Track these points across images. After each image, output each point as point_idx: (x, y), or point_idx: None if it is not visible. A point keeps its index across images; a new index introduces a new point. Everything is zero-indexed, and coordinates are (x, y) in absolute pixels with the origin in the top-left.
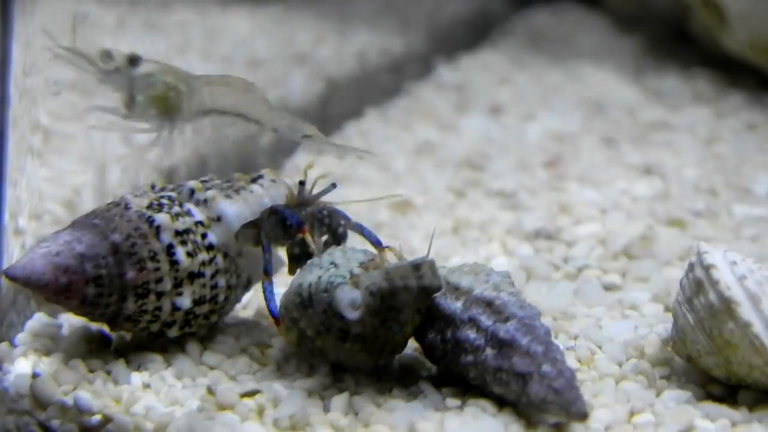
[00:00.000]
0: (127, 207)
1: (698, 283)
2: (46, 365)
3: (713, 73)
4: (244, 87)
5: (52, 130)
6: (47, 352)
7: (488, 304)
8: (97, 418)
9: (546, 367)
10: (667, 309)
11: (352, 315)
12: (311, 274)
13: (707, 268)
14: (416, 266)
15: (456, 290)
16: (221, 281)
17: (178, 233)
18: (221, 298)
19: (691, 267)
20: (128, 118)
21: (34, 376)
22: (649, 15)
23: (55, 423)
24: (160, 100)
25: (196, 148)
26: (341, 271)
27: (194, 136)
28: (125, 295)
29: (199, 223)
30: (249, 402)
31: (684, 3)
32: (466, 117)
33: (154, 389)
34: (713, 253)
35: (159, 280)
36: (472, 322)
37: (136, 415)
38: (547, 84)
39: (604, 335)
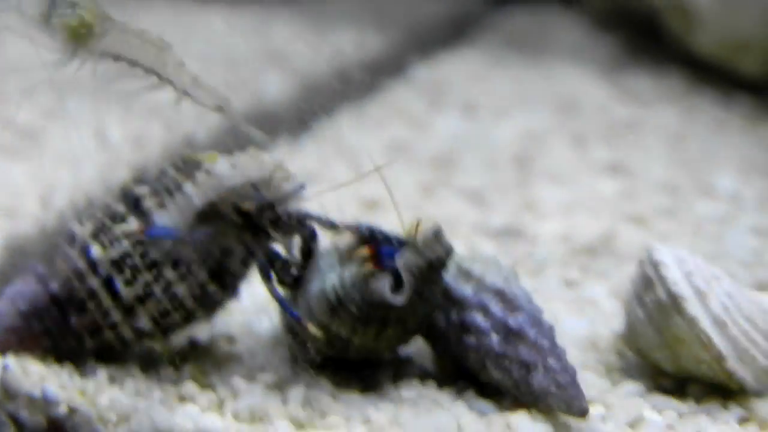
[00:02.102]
0: (72, 240)
1: (647, 280)
2: (16, 358)
3: (684, 72)
4: (159, 46)
5: (29, 129)
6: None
7: (499, 294)
8: (63, 409)
9: (552, 361)
10: None
11: (399, 300)
12: (328, 279)
13: (656, 265)
14: (437, 234)
15: (468, 276)
16: (180, 290)
17: (114, 263)
18: (189, 303)
19: (641, 264)
20: (40, 30)
21: (4, 368)
22: (624, 15)
23: (23, 414)
24: (71, 29)
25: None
26: (354, 266)
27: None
28: (80, 336)
29: (138, 242)
30: (210, 394)
31: (655, 4)
32: (440, 115)
33: (119, 382)
34: (662, 250)
35: (106, 315)
36: (482, 307)
37: (100, 407)
38: (522, 82)
39: (561, 329)
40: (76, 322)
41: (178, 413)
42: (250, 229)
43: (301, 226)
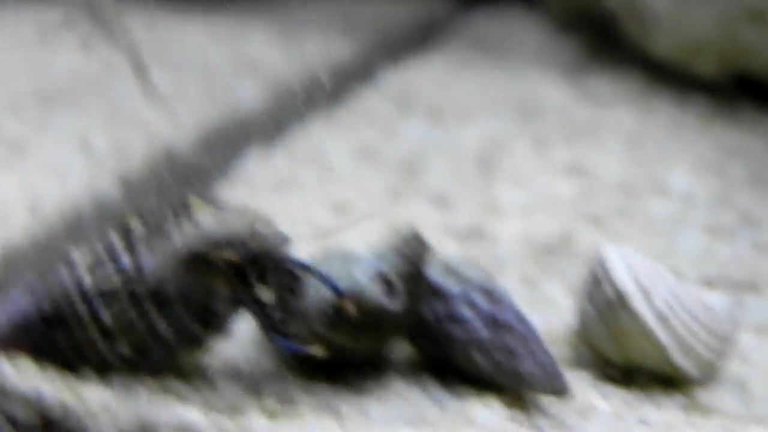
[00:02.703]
0: (68, 264)
1: (596, 278)
2: (10, 360)
3: (642, 74)
4: None
5: (16, 140)
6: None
7: (487, 293)
8: (56, 409)
9: (536, 348)
10: None
11: (396, 305)
12: (324, 293)
13: (603, 263)
14: (415, 236)
15: (454, 274)
16: (162, 326)
17: (104, 295)
18: (171, 340)
19: (591, 262)
20: None
21: None
22: (584, 18)
23: (18, 413)
24: None
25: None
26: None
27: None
28: (65, 354)
29: (127, 279)
30: (191, 391)
31: (612, 7)
32: (407, 121)
33: (107, 382)
34: (610, 250)
35: (91, 343)
36: (470, 303)
37: (90, 406)
38: (486, 86)
39: None
40: (62, 341)
41: (163, 410)
42: (237, 278)
43: (289, 277)
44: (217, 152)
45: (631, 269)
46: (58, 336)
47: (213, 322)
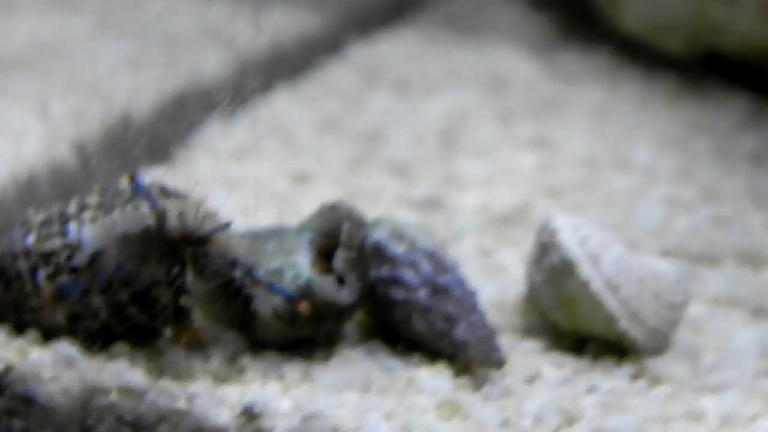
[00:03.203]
0: (22, 224)
1: (544, 246)
2: None
3: (612, 50)
4: None
5: None
6: None
7: (430, 255)
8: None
9: (474, 317)
10: None
11: (348, 298)
12: (274, 299)
13: (552, 232)
14: (348, 216)
15: (401, 237)
16: (95, 300)
17: (44, 255)
18: (104, 316)
19: (540, 231)
20: None
21: None
22: None
23: None
24: None
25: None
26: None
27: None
28: (6, 309)
29: (67, 245)
30: (138, 354)
31: None
32: (373, 92)
33: (50, 342)
34: (558, 218)
35: (25, 298)
36: (413, 265)
37: (33, 365)
38: (455, 61)
39: None
40: (2, 295)
41: (106, 370)
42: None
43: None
44: (177, 120)
45: (579, 236)
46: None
47: (156, 312)
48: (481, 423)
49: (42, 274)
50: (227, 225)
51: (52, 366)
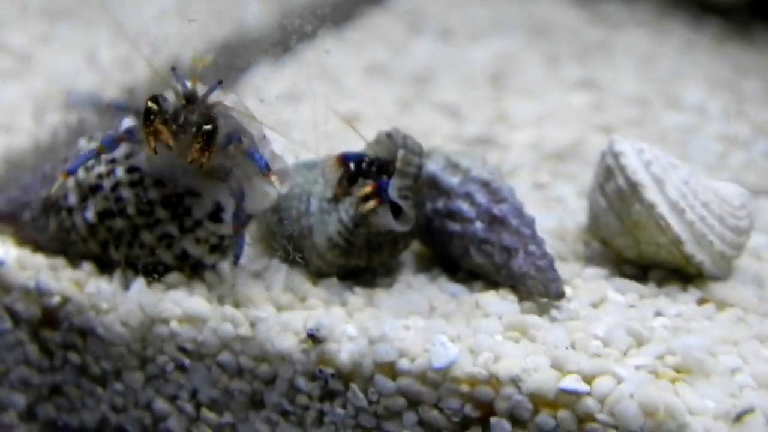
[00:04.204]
0: (77, 145)
1: (608, 170)
2: (13, 254)
3: None
4: None
5: (23, 52)
6: (16, 244)
7: (485, 185)
8: (56, 299)
9: (532, 247)
10: None
11: (405, 226)
12: (329, 225)
13: (616, 155)
14: (404, 144)
15: (455, 167)
16: (124, 193)
17: (91, 188)
18: (131, 210)
19: (603, 156)
20: None
21: (0, 263)
22: None
23: (19, 306)
24: None
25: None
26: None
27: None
28: (47, 212)
29: (111, 160)
30: (197, 283)
31: None
32: (417, 39)
33: (106, 273)
34: (622, 141)
35: (65, 196)
36: (467, 196)
37: (91, 295)
38: (496, 9)
39: None
40: (52, 225)
41: (165, 298)
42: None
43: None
44: (224, 66)
45: (645, 160)
46: (51, 219)
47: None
48: (549, 345)
49: (81, 171)
50: (220, 82)
51: (110, 297)
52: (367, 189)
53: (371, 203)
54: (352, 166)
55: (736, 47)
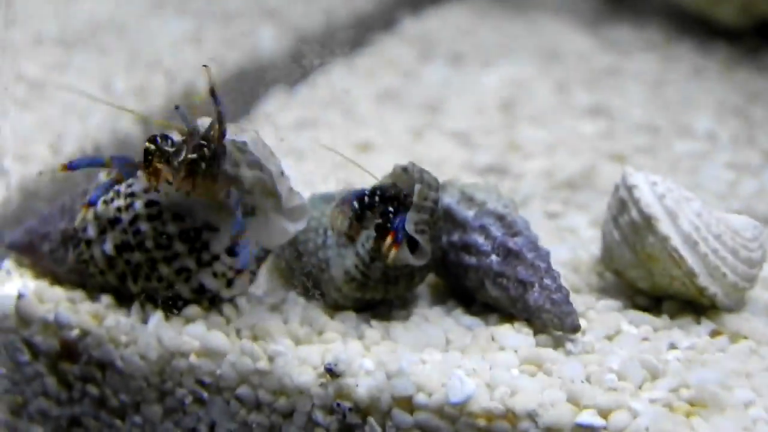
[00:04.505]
0: (97, 178)
1: (622, 202)
2: (31, 287)
3: (665, 23)
4: None
5: (38, 81)
6: (35, 276)
7: (500, 218)
8: (75, 332)
9: (548, 281)
10: None
11: (421, 260)
12: (346, 259)
13: (630, 188)
14: (421, 178)
15: (470, 201)
16: (143, 226)
17: (110, 221)
18: (149, 244)
19: (616, 188)
20: None
21: (20, 296)
22: None
23: (38, 339)
24: None
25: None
26: (361, 240)
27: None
28: (66, 245)
29: (130, 194)
30: (215, 317)
31: None
32: (428, 66)
33: (125, 306)
34: (636, 174)
35: (84, 229)
36: (483, 229)
37: (110, 329)
38: (507, 34)
39: None
40: (70, 257)
41: (184, 332)
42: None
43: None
44: (239, 93)
45: (658, 193)
46: (70, 250)
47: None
48: (565, 379)
49: (100, 204)
50: (221, 115)
51: (129, 330)
52: (388, 240)
53: (393, 253)
54: (356, 205)
55: (745, 73)
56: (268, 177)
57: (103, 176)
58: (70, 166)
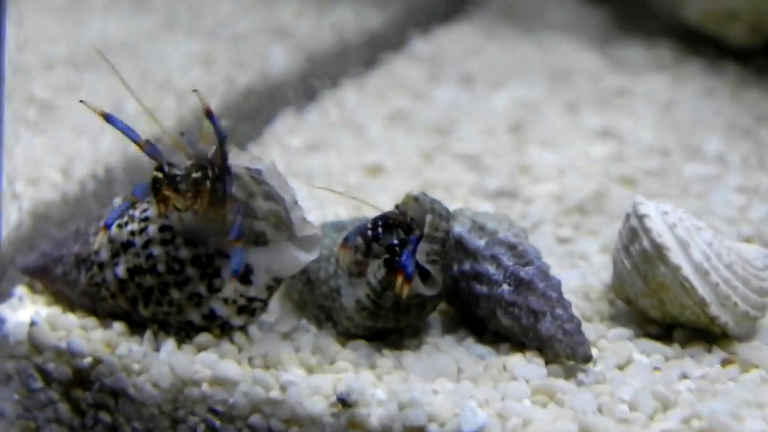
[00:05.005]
0: (112, 203)
1: (633, 232)
2: (44, 314)
3: (674, 42)
4: None
5: (49, 103)
6: (47, 303)
7: (511, 247)
8: (88, 360)
9: (559, 310)
10: None
11: (432, 290)
12: (357, 291)
13: (641, 218)
14: (432, 209)
15: (481, 230)
16: (155, 250)
17: (122, 244)
18: (161, 268)
19: (627, 217)
20: None
21: (32, 324)
22: None
23: (50, 366)
24: None
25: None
26: (372, 270)
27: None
28: (79, 267)
29: (144, 219)
30: (227, 345)
31: None
32: (438, 86)
33: (136, 334)
34: (647, 204)
35: (97, 252)
36: (494, 259)
37: (122, 357)
38: (516, 54)
39: None
40: (77, 251)
41: (196, 361)
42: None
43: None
44: (249, 115)
45: (669, 222)
46: (82, 274)
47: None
48: (577, 410)
49: (122, 261)
50: (224, 137)
51: (141, 358)
52: (399, 280)
53: (407, 289)
54: (360, 240)
55: (755, 93)
56: (282, 207)
57: (118, 201)
58: (109, 118)
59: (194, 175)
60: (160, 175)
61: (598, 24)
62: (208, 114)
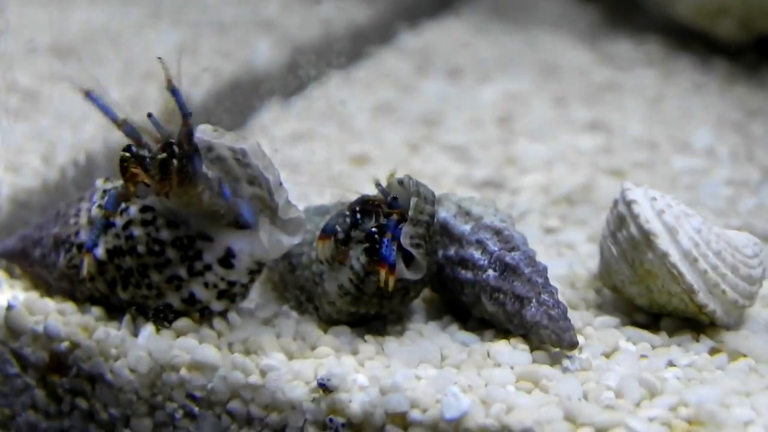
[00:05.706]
0: (92, 193)
1: (621, 218)
2: (21, 298)
3: (663, 38)
4: None
5: (32, 90)
6: (24, 288)
7: (497, 232)
8: (65, 344)
9: (545, 296)
10: None
11: (416, 274)
12: (340, 276)
13: (629, 204)
14: (417, 192)
15: (467, 215)
16: (135, 231)
17: (105, 191)
18: (141, 249)
19: (615, 203)
20: None
21: (9, 308)
22: None
23: (27, 350)
24: None
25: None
26: (355, 254)
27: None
28: (57, 250)
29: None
30: (207, 330)
31: None
32: (426, 79)
33: (114, 318)
34: (635, 189)
35: (77, 233)
36: (480, 244)
37: (99, 341)
38: (505, 49)
39: None
40: (56, 231)
41: (175, 345)
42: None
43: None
44: (234, 105)
45: (657, 208)
46: (61, 255)
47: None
48: (562, 396)
49: (101, 241)
50: (188, 113)
51: (119, 343)
52: (383, 274)
53: (391, 280)
54: (337, 229)
55: (744, 88)
56: (266, 191)
57: (100, 182)
58: (90, 96)
59: (160, 156)
60: (127, 154)
61: (588, 20)
62: (171, 88)
